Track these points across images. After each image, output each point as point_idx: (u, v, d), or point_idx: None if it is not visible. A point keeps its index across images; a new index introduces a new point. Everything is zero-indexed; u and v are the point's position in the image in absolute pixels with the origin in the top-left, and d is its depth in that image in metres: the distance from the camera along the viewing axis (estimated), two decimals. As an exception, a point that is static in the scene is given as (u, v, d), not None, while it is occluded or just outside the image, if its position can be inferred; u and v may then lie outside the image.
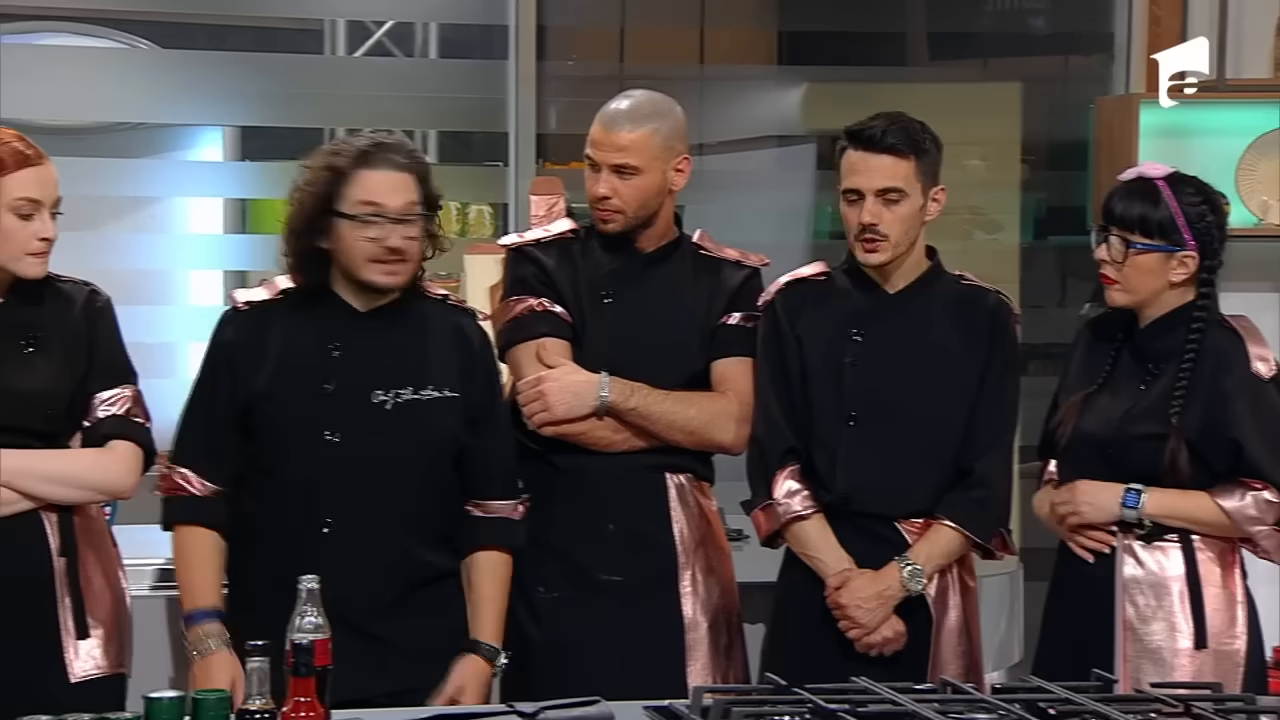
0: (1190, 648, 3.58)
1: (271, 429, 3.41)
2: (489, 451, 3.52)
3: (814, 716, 2.78)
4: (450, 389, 3.46)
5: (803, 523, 3.67)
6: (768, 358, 3.73)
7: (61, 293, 3.42)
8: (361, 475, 3.39)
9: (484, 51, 5.58)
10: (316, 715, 2.59)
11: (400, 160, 3.41)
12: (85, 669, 3.33)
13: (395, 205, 3.39)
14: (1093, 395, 3.67)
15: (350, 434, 3.40)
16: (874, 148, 3.60)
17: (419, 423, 3.42)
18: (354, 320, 3.46)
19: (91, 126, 6.23)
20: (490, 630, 3.49)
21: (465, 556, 3.52)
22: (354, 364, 3.43)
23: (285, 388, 3.42)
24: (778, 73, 6.11)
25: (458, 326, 3.53)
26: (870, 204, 3.60)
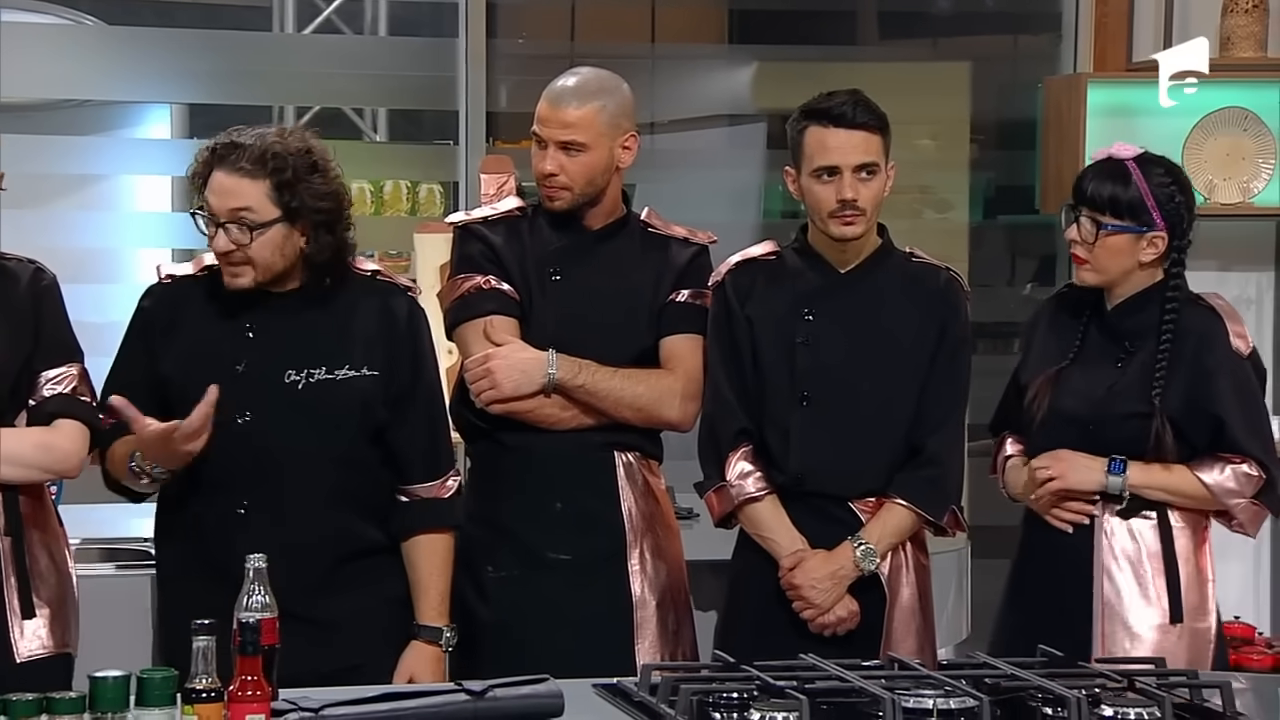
0: (1165, 623, 3.62)
1: (184, 409, 3.36)
2: (410, 434, 3.48)
3: (762, 693, 2.79)
4: (369, 367, 3.43)
5: (756, 504, 3.68)
6: (718, 338, 3.72)
7: (6, 270, 3.39)
8: (275, 456, 3.37)
9: (434, 29, 5.57)
10: (263, 694, 2.57)
11: (243, 165, 3.33)
12: (31, 649, 3.31)
13: (221, 209, 3.34)
14: (1064, 371, 3.69)
15: (261, 415, 3.38)
16: (848, 124, 3.60)
17: (332, 402, 3.40)
18: (270, 300, 3.43)
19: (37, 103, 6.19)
20: (432, 612, 3.47)
21: (402, 542, 3.49)
22: (267, 344, 3.41)
23: (197, 367, 3.39)
24: (728, 51, 6.12)
25: (384, 304, 3.49)
26: (849, 180, 3.59)
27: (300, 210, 3.35)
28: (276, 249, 3.36)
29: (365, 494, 3.46)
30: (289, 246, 3.37)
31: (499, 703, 2.80)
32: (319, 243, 3.39)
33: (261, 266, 3.36)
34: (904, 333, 3.69)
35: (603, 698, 2.94)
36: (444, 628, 3.48)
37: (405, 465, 3.49)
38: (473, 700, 2.79)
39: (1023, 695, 2.83)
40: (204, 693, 2.55)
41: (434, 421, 3.55)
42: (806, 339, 3.67)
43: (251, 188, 3.33)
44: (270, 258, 3.36)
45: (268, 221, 3.34)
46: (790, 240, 3.77)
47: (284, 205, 3.34)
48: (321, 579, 3.36)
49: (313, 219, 3.37)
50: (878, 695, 2.70)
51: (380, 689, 2.88)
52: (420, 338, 3.53)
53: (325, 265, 3.42)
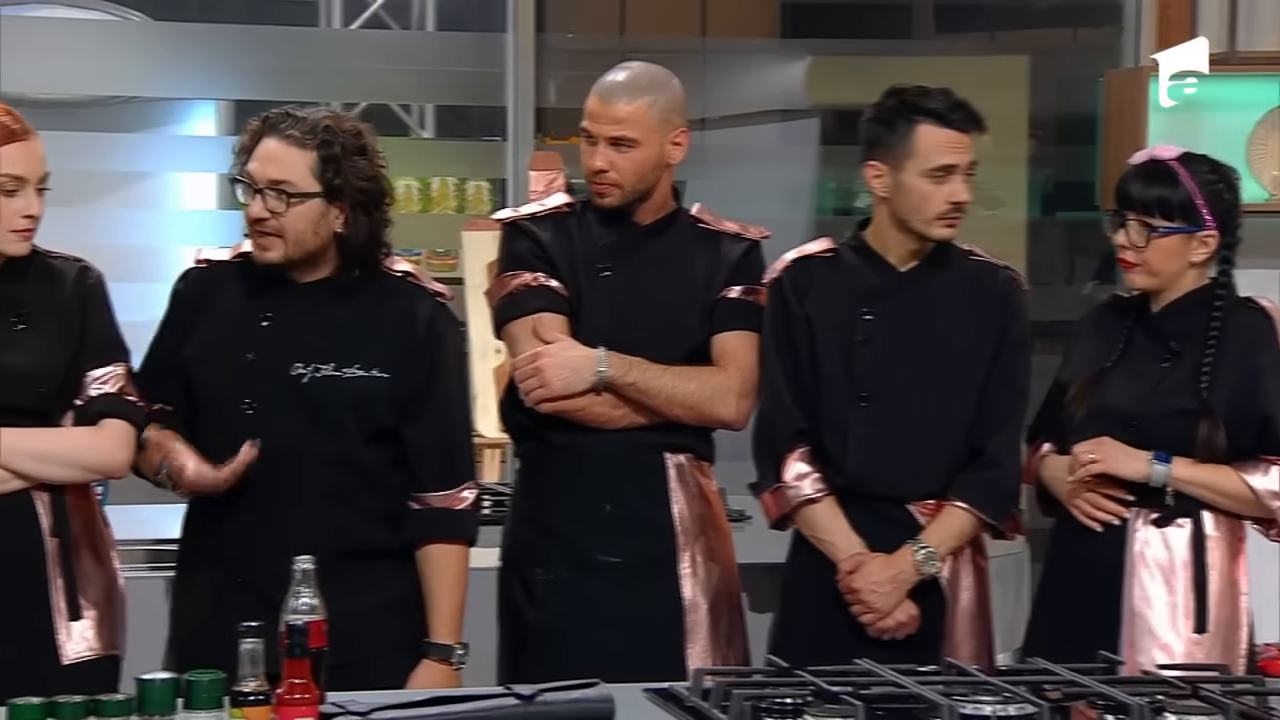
0: (1194, 634, 3.56)
1: (197, 393, 3.40)
2: (422, 441, 3.43)
3: (816, 698, 2.75)
4: (380, 369, 3.39)
5: (814, 506, 3.64)
6: (774, 335, 3.68)
7: (52, 269, 3.37)
8: (274, 448, 3.35)
9: (482, 24, 5.55)
10: (312, 697, 2.55)
11: (293, 133, 3.34)
12: (78, 650, 3.29)
13: (262, 175, 3.34)
14: (1106, 372, 3.64)
15: (265, 406, 3.36)
16: (969, 125, 3.59)
17: (334, 400, 3.37)
18: (293, 292, 3.41)
19: (83, 100, 6.21)
20: (443, 628, 3.41)
21: (415, 551, 3.45)
22: (280, 335, 3.39)
23: (212, 353, 3.40)
24: (781, 45, 6.09)
25: (407, 306, 3.45)
26: (961, 181, 3.58)
27: (341, 189, 3.34)
28: (310, 224, 3.34)
29: (368, 495, 3.41)
30: (323, 225, 3.35)
31: (549, 707, 2.77)
32: (355, 225, 3.36)
33: (292, 240, 3.34)
34: (963, 333, 3.66)
35: (654, 702, 2.90)
36: (454, 645, 3.41)
37: (417, 472, 3.44)
38: (522, 705, 2.76)
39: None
40: (252, 695, 2.54)
41: (450, 430, 3.49)
42: (866, 338, 3.64)
43: (297, 157, 3.32)
44: (303, 231, 3.34)
45: (306, 194, 3.32)
46: (846, 237, 3.73)
47: (325, 181, 3.33)
48: (319, 575, 3.31)
49: (352, 199, 3.35)
50: (935, 701, 2.66)
51: (428, 693, 2.86)
52: (441, 344, 3.47)
53: (358, 251, 3.39)
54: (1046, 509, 3.74)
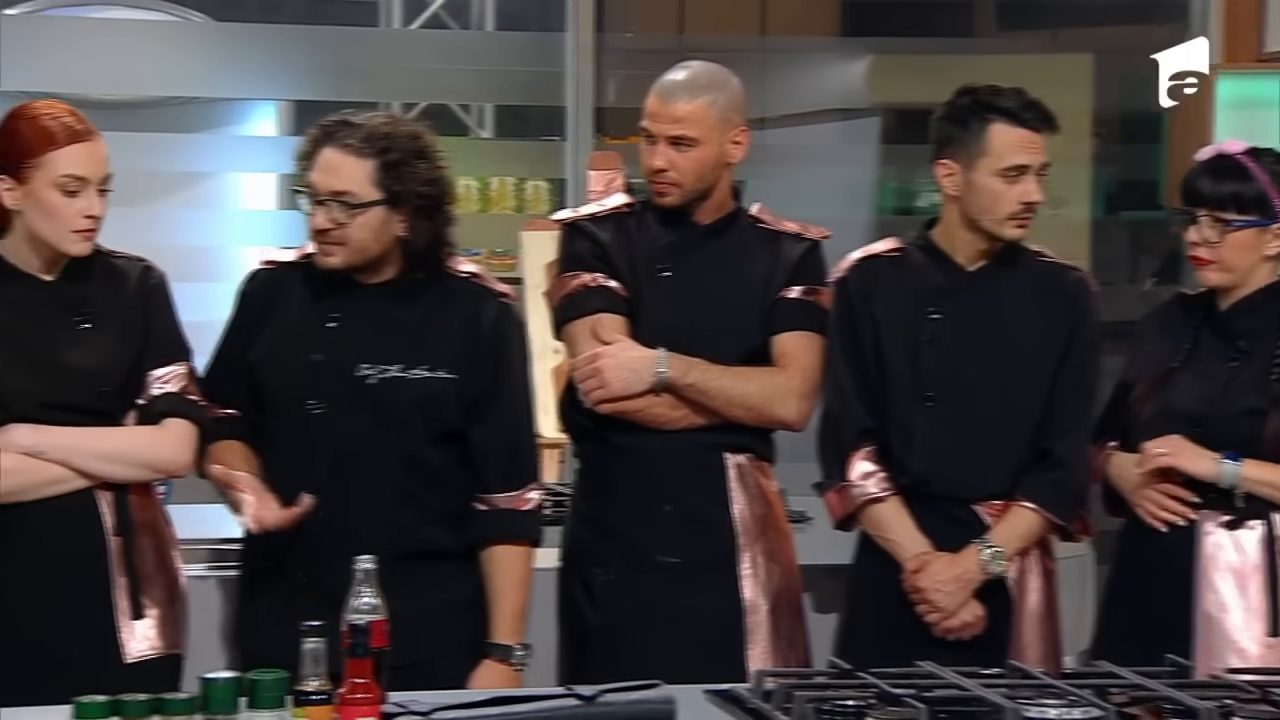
0: (1268, 637, 3.52)
1: (264, 394, 3.41)
2: (488, 442, 3.44)
3: (879, 701, 2.73)
4: (447, 370, 3.39)
5: (879, 505, 3.62)
6: (840, 335, 3.67)
7: (116, 269, 3.39)
8: (341, 449, 3.35)
9: (541, 23, 5.55)
10: (374, 696, 2.56)
11: (351, 143, 3.34)
12: (140, 649, 3.30)
13: (323, 186, 3.34)
14: (1173, 372, 3.61)
15: (332, 407, 3.36)
16: (1043, 125, 3.58)
17: (401, 401, 3.37)
18: (358, 293, 3.41)
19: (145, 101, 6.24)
20: (505, 629, 3.41)
21: (479, 552, 3.45)
22: (347, 337, 3.39)
23: (279, 354, 3.41)
24: (841, 44, 6.07)
25: (473, 307, 3.45)
26: (1034, 181, 3.57)
27: (402, 195, 3.34)
28: (373, 232, 3.35)
29: (434, 496, 3.42)
30: (386, 231, 3.36)
31: (610, 708, 2.76)
32: (417, 229, 3.37)
33: (355, 248, 3.35)
34: (1031, 333, 3.63)
35: (715, 704, 2.88)
36: (514, 646, 3.41)
37: (483, 473, 3.44)
38: (584, 705, 2.76)
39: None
40: (315, 695, 2.54)
41: (516, 431, 3.49)
42: (933, 338, 3.62)
43: (357, 166, 3.33)
44: (366, 240, 3.35)
45: (368, 203, 3.33)
46: (913, 237, 3.71)
47: (386, 188, 3.33)
48: (384, 576, 3.30)
49: (414, 204, 3.35)
50: (999, 704, 2.64)
51: (489, 693, 2.85)
52: (507, 345, 3.47)
53: (421, 254, 3.40)
54: (1113, 509, 3.71)
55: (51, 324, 3.30)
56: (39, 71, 5.25)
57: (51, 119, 3.27)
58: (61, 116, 3.28)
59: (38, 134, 3.26)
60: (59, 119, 3.27)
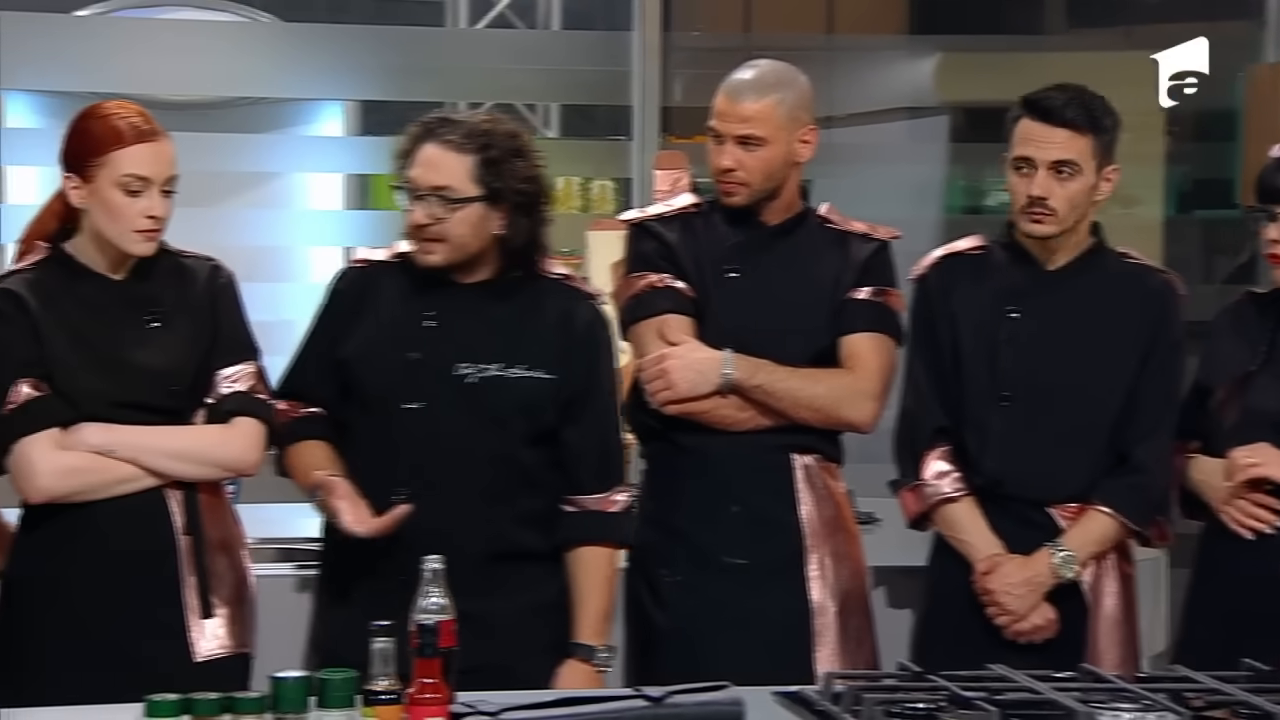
0: None
1: (357, 391, 3.40)
2: (580, 443, 3.44)
3: (950, 704, 2.71)
4: (544, 370, 3.39)
5: (952, 505, 3.60)
6: (918, 333, 3.66)
7: (185, 268, 3.40)
8: (438, 447, 3.35)
9: (608, 22, 5.55)
10: (442, 696, 2.56)
11: (452, 139, 3.34)
12: (210, 648, 3.31)
13: (423, 181, 3.34)
14: (1253, 375, 3.56)
15: (430, 405, 3.36)
16: (1051, 120, 3.53)
17: (501, 400, 3.37)
18: (454, 292, 3.41)
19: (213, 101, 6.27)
20: (589, 630, 3.41)
21: (565, 552, 3.44)
22: (444, 335, 3.39)
23: (374, 352, 3.40)
24: (909, 42, 6.04)
25: (567, 309, 3.45)
26: (1042, 177, 3.53)
27: (501, 192, 3.34)
28: (471, 228, 3.35)
29: (525, 496, 3.41)
30: (484, 228, 3.36)
31: (678, 709, 2.75)
32: (516, 226, 3.37)
33: (455, 244, 3.35)
34: (1112, 335, 3.60)
35: (783, 706, 2.87)
36: (599, 647, 3.41)
37: (573, 474, 3.44)
38: (652, 706, 2.75)
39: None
40: (384, 694, 2.54)
41: (607, 434, 3.49)
42: (1011, 338, 3.59)
43: (457, 162, 3.33)
44: (464, 236, 3.35)
45: (467, 198, 3.33)
46: (999, 234, 3.68)
47: (486, 184, 3.34)
48: (472, 576, 3.30)
49: (512, 201, 3.36)
50: (1072, 708, 2.61)
51: (557, 694, 2.85)
52: (600, 348, 3.48)
53: (519, 252, 3.40)
54: (1190, 512, 3.67)
55: (121, 323, 3.32)
56: (109, 72, 5.28)
57: (120, 119, 3.28)
58: (129, 116, 3.29)
59: (104, 133, 3.27)
60: (126, 119, 3.28)
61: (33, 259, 3.35)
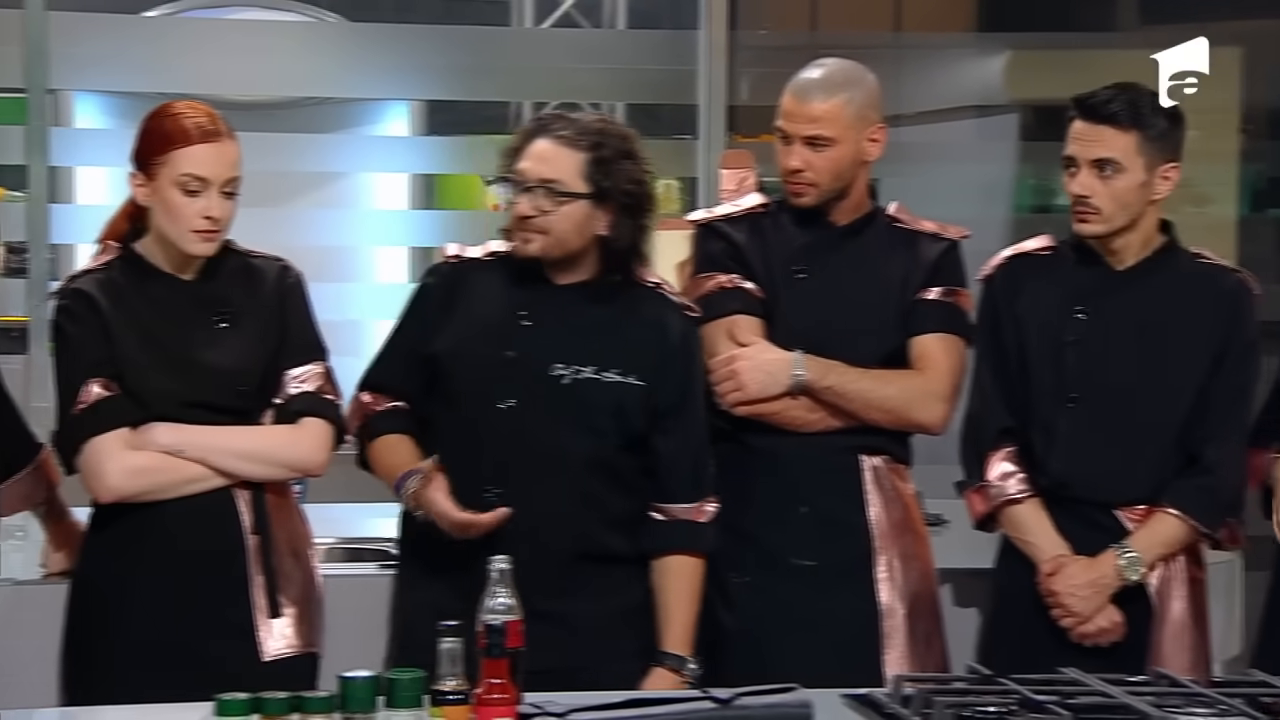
0: None
1: (448, 387, 3.39)
2: (671, 452, 3.43)
3: (1021, 707, 2.69)
4: (637, 377, 3.38)
5: (1017, 506, 3.57)
6: (985, 334, 3.63)
7: (253, 269, 3.40)
8: (531, 448, 3.34)
9: (673, 21, 5.54)
10: (510, 697, 2.55)
11: (565, 134, 3.35)
12: (278, 648, 3.32)
13: (532, 173, 3.34)
14: None
15: (525, 404, 3.35)
16: (1094, 117, 3.51)
17: (595, 403, 3.36)
18: (550, 291, 3.40)
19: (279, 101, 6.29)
20: (677, 640, 3.40)
21: (652, 560, 3.44)
22: (541, 335, 3.38)
23: (467, 349, 3.39)
24: (978, 40, 6.00)
25: (661, 318, 3.44)
26: (1084, 175, 3.50)
27: (609, 191, 3.34)
28: (576, 225, 3.34)
29: (614, 500, 3.41)
30: (588, 227, 3.35)
31: (746, 711, 2.74)
32: (620, 228, 3.37)
33: (556, 238, 3.34)
34: (1182, 335, 3.56)
35: (852, 708, 2.85)
36: (688, 657, 3.40)
37: (664, 483, 3.44)
38: (720, 708, 2.74)
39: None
40: (451, 694, 2.54)
41: (698, 444, 3.49)
42: (1078, 338, 3.56)
43: (569, 157, 3.33)
44: (568, 231, 3.34)
45: (575, 193, 3.33)
46: (1069, 234, 3.65)
47: (594, 182, 3.34)
48: (560, 577, 3.32)
49: (619, 201, 3.35)
50: (1146, 713, 2.59)
51: (625, 695, 2.84)
52: (692, 359, 3.48)
53: (620, 255, 3.39)
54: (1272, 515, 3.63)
55: (190, 323, 3.32)
56: (175, 73, 5.30)
57: (185, 118, 3.28)
58: (194, 116, 3.28)
59: (167, 131, 3.28)
60: (191, 118, 3.28)
61: (104, 259, 3.37)
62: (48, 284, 4.93)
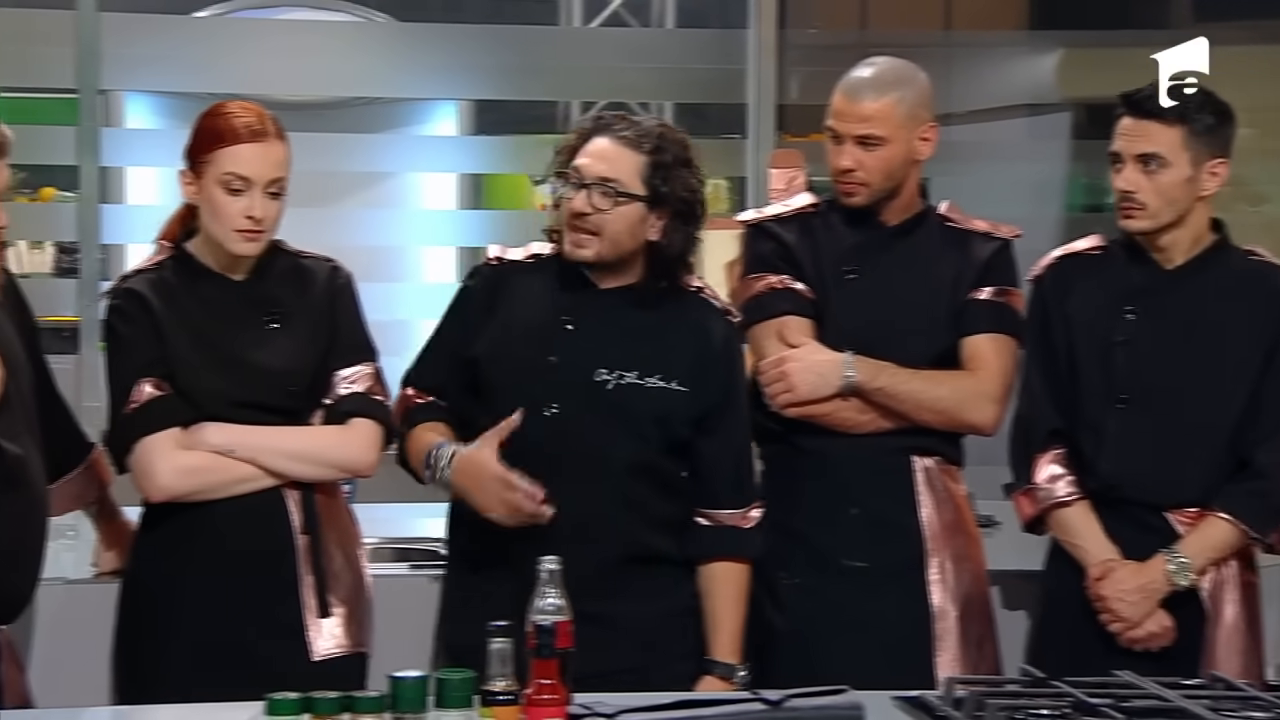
0: None
1: (491, 393, 3.37)
2: (715, 457, 3.42)
3: (1075, 711, 2.67)
4: (679, 383, 3.37)
5: (1065, 509, 3.54)
6: (1033, 334, 3.61)
7: (304, 269, 3.40)
8: (576, 452, 3.33)
9: (722, 20, 5.53)
10: (560, 698, 2.55)
11: (627, 135, 3.34)
12: (327, 647, 3.32)
13: (591, 171, 3.32)
14: None
15: (568, 410, 3.34)
16: (1139, 112, 3.48)
17: (638, 408, 3.35)
18: (594, 295, 3.39)
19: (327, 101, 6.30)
20: (726, 647, 3.40)
21: (698, 567, 3.43)
22: (583, 339, 3.37)
23: (508, 353, 3.38)
24: (1029, 38, 5.97)
25: (703, 323, 3.43)
26: (1128, 170, 3.48)
27: (666, 197, 3.33)
28: (629, 227, 3.33)
29: (662, 503, 3.40)
30: (641, 230, 3.34)
31: (797, 713, 2.75)
32: (672, 235, 3.36)
33: (609, 240, 3.33)
34: (1234, 335, 3.52)
35: (904, 710, 2.84)
36: (737, 665, 3.39)
37: (708, 487, 3.43)
38: (770, 710, 2.74)
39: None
40: (501, 695, 2.55)
41: (741, 450, 3.48)
42: (1127, 338, 3.52)
43: (629, 159, 3.32)
44: (621, 233, 3.33)
45: (632, 195, 3.32)
46: (1120, 234, 3.63)
47: (652, 186, 3.32)
48: (606, 580, 3.31)
49: (674, 208, 3.34)
50: (1202, 716, 2.57)
51: (675, 696, 2.83)
52: (735, 364, 3.48)
53: (669, 262, 3.38)
54: None
55: (241, 323, 3.33)
56: (225, 73, 5.32)
57: (233, 118, 3.28)
58: (242, 116, 3.28)
59: (214, 130, 3.28)
60: (239, 118, 3.28)
61: (156, 259, 3.38)
62: (98, 284, 4.96)
